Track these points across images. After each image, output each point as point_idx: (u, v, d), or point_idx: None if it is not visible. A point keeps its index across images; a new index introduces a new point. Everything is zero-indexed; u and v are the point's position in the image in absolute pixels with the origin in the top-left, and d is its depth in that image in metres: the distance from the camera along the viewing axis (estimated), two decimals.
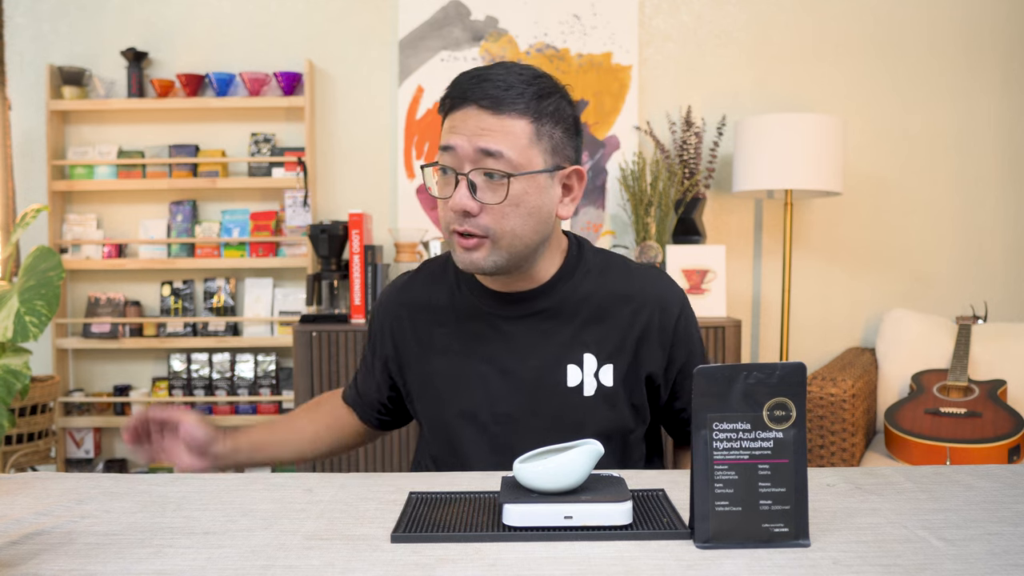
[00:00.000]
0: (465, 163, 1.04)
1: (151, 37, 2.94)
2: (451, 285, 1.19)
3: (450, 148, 1.04)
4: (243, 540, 0.82)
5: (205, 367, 2.92)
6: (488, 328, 1.15)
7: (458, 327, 1.17)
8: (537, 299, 1.14)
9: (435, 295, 1.20)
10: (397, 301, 1.23)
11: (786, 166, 2.55)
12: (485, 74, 1.05)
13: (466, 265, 1.07)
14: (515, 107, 1.03)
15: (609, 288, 1.15)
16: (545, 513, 0.83)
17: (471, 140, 1.03)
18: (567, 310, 1.14)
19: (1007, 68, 2.92)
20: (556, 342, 1.13)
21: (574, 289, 1.15)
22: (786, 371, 0.79)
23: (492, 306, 1.15)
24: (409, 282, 1.24)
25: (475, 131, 1.03)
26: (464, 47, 2.91)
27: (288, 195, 2.84)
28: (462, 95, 1.05)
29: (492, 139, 1.02)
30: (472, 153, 1.03)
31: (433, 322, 1.18)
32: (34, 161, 2.95)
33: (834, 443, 2.27)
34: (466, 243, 1.05)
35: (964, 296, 2.93)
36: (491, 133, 1.02)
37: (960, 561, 0.75)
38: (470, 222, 1.04)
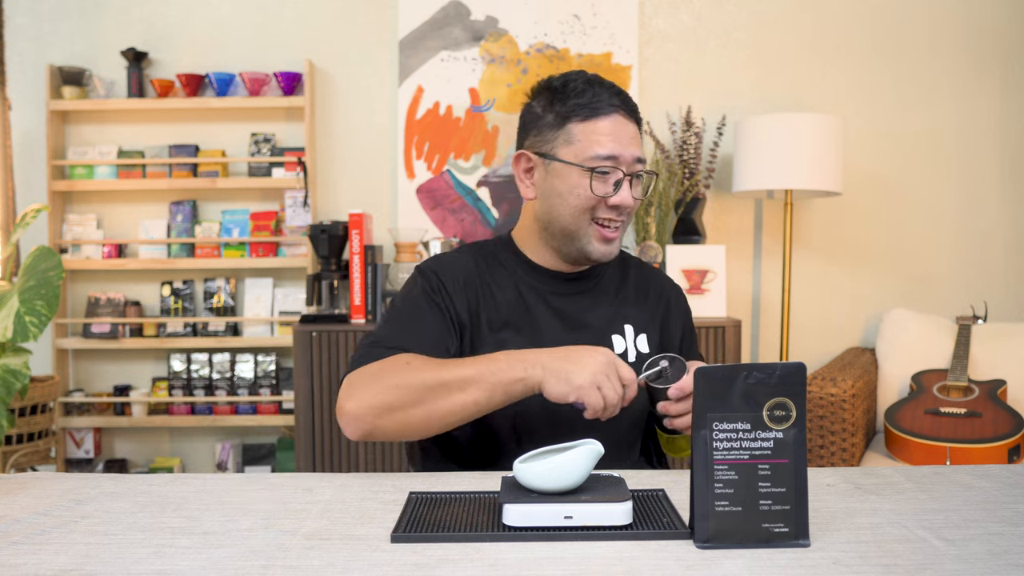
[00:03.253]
0: (623, 166, 1.20)
1: (151, 37, 2.94)
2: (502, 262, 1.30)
3: (615, 156, 1.19)
4: (243, 540, 0.82)
5: (205, 367, 2.92)
6: (541, 302, 1.27)
7: (515, 300, 1.26)
8: (582, 280, 1.30)
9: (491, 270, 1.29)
10: (465, 266, 1.28)
11: (786, 166, 2.55)
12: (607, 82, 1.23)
13: (604, 254, 1.23)
14: (637, 117, 1.24)
15: (633, 275, 1.36)
16: (545, 513, 0.83)
17: (628, 148, 1.20)
18: (607, 290, 1.32)
19: (1007, 68, 2.92)
20: (602, 316, 1.29)
21: (610, 275, 1.34)
22: (786, 371, 0.80)
23: (543, 282, 1.29)
24: (467, 254, 1.31)
25: (628, 139, 1.21)
26: (464, 47, 2.91)
27: (288, 195, 2.84)
28: (610, 103, 1.20)
29: (639, 146, 1.22)
30: (630, 159, 1.20)
31: (493, 294, 1.26)
32: (34, 161, 2.95)
33: (834, 443, 2.27)
34: (612, 234, 1.22)
35: (964, 296, 2.93)
36: (637, 140, 1.22)
37: (960, 561, 0.75)
38: (620, 215, 1.22)
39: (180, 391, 2.91)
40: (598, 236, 1.21)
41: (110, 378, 3.02)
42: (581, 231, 1.21)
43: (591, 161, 1.18)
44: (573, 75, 1.23)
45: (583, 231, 1.21)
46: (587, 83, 1.21)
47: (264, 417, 2.87)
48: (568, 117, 1.20)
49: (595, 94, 1.20)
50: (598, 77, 1.23)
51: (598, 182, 1.19)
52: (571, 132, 1.20)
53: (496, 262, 1.30)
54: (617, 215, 1.21)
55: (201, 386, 2.91)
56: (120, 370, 3.02)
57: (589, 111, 1.19)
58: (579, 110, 1.20)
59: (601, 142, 1.19)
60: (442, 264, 1.27)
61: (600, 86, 1.21)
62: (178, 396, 2.91)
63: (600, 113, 1.19)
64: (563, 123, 1.21)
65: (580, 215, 1.21)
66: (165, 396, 2.92)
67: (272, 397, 2.88)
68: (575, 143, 1.20)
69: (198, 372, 2.92)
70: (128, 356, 3.01)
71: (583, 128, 1.19)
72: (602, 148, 1.18)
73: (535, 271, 1.29)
